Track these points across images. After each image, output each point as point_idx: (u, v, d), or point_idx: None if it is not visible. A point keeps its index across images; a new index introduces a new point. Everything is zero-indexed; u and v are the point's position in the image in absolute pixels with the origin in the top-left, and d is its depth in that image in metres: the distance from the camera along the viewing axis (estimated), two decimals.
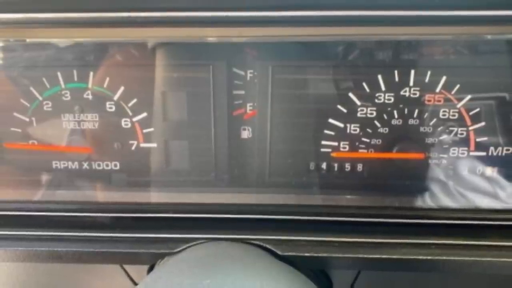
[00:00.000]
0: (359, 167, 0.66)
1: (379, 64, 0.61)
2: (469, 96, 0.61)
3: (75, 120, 0.65)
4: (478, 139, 0.63)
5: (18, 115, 0.65)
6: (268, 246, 0.62)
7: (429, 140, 0.63)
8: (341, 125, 0.64)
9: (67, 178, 0.68)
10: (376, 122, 0.63)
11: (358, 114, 0.63)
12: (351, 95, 0.62)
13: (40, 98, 0.64)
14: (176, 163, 0.67)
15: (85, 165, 0.67)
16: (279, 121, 0.64)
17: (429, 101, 0.61)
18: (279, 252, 0.61)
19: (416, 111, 0.62)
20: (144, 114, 0.65)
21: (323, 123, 0.64)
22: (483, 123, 0.62)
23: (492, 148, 0.63)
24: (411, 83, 0.61)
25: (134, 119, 0.65)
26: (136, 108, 0.64)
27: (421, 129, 0.63)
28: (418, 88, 0.61)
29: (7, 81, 0.64)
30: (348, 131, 0.64)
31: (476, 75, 0.61)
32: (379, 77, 0.61)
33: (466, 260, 0.60)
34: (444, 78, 0.60)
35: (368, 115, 0.63)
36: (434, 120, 0.62)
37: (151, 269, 0.66)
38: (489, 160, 0.63)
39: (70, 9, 0.54)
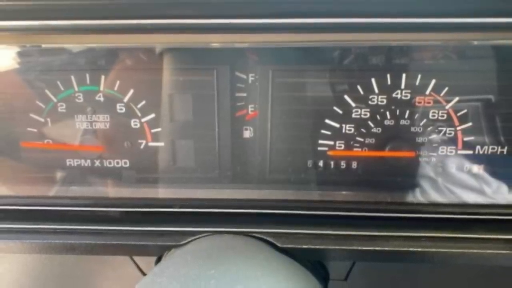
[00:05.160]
0: (354, 164, 0.67)
1: (373, 68, 0.62)
2: (457, 98, 0.62)
3: (87, 120, 0.66)
4: (465, 139, 0.64)
5: (34, 116, 0.66)
6: (268, 238, 0.63)
7: (420, 139, 0.64)
8: (337, 125, 0.65)
9: (80, 175, 0.69)
10: (370, 123, 0.64)
11: (353, 115, 0.64)
12: (346, 97, 0.63)
13: (55, 100, 0.65)
14: (182, 161, 0.68)
15: (97, 163, 0.68)
16: (279, 122, 0.66)
17: (419, 102, 0.62)
18: (279, 244, 0.63)
19: (407, 112, 0.63)
20: (152, 115, 0.66)
21: (320, 124, 0.65)
22: (470, 124, 0.63)
23: (478, 147, 0.64)
24: (403, 86, 0.62)
25: (143, 120, 0.66)
26: (144, 110, 0.66)
27: (412, 129, 0.64)
28: (409, 91, 0.62)
29: (24, 84, 0.65)
30: (343, 131, 0.65)
31: (463, 78, 0.62)
32: (373, 80, 0.62)
33: (454, 252, 0.62)
34: (433, 81, 0.61)
35: (362, 116, 0.64)
36: (424, 120, 0.63)
37: (158, 260, 0.67)
38: (475, 158, 0.65)
39: (83, 16, 0.55)
